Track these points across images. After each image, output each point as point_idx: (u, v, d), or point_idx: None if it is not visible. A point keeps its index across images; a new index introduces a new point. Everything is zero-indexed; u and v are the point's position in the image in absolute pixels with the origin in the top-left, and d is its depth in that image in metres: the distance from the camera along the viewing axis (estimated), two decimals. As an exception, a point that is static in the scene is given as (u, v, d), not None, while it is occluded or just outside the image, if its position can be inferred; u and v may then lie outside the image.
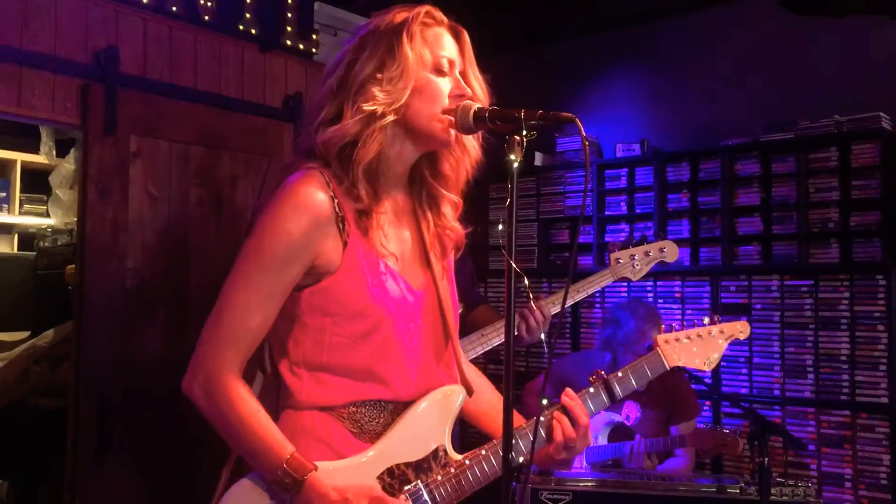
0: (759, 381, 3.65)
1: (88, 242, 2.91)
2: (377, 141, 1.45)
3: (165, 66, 3.18)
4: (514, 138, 1.32)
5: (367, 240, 1.47)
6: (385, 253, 1.49)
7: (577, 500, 2.69)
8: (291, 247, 1.41)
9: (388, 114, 1.44)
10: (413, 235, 1.58)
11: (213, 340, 1.43)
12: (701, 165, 3.92)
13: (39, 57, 2.79)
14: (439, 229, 1.61)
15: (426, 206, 1.61)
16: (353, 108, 1.45)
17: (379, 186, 1.50)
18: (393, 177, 1.54)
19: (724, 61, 4.04)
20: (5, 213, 4.94)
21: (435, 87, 1.47)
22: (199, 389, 1.43)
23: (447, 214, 1.61)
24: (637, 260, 2.75)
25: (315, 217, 1.42)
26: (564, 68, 4.56)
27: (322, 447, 1.45)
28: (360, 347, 1.45)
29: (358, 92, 1.45)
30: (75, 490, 2.84)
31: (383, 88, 1.44)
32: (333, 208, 1.44)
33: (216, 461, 3.09)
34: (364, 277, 1.44)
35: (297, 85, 3.70)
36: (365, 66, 1.46)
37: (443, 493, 1.49)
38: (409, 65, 1.44)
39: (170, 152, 3.16)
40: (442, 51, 1.49)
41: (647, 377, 1.71)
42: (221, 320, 1.43)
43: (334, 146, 1.45)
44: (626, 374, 1.67)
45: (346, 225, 1.45)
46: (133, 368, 3.00)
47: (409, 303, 1.50)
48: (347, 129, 1.44)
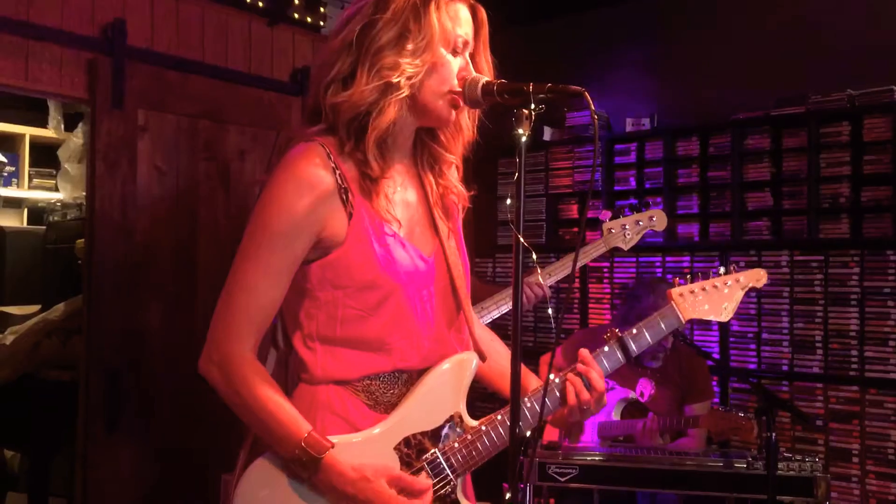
0: (767, 357, 3.65)
1: (97, 216, 2.92)
2: (392, 112, 1.42)
3: (172, 39, 3.17)
4: (523, 112, 1.31)
5: (371, 208, 1.45)
6: (390, 219, 1.47)
7: (584, 474, 2.70)
8: (295, 223, 1.40)
9: (405, 87, 1.42)
10: (419, 199, 1.57)
11: (227, 321, 1.43)
12: (711, 140, 3.89)
13: (47, 30, 2.78)
14: (442, 189, 1.59)
15: (427, 168, 1.60)
16: (369, 74, 1.41)
17: (386, 154, 1.49)
18: (398, 144, 1.53)
19: (734, 34, 3.99)
20: (14, 187, 4.96)
21: (449, 68, 1.45)
22: (215, 370, 1.44)
23: (448, 174, 1.60)
24: (628, 229, 2.80)
25: (317, 192, 1.41)
26: (574, 42, 4.51)
27: (338, 421, 1.46)
28: (372, 319, 1.45)
29: (377, 55, 1.42)
30: (86, 462, 2.87)
31: (405, 59, 1.41)
32: (336, 180, 1.42)
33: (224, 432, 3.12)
34: (371, 247, 1.43)
35: (305, 58, 3.68)
36: (387, 29, 1.42)
37: (460, 459, 1.50)
38: (434, 38, 1.42)
39: (177, 126, 3.16)
40: (459, 28, 1.47)
41: (662, 332, 1.69)
42: (233, 301, 1.43)
43: (346, 113, 1.43)
44: (640, 330, 1.66)
45: (349, 195, 1.44)
46: (142, 341, 3.02)
47: (420, 270, 1.50)
48: (364, 96, 1.41)
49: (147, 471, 3.02)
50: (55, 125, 4.62)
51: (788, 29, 3.83)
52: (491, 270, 4.57)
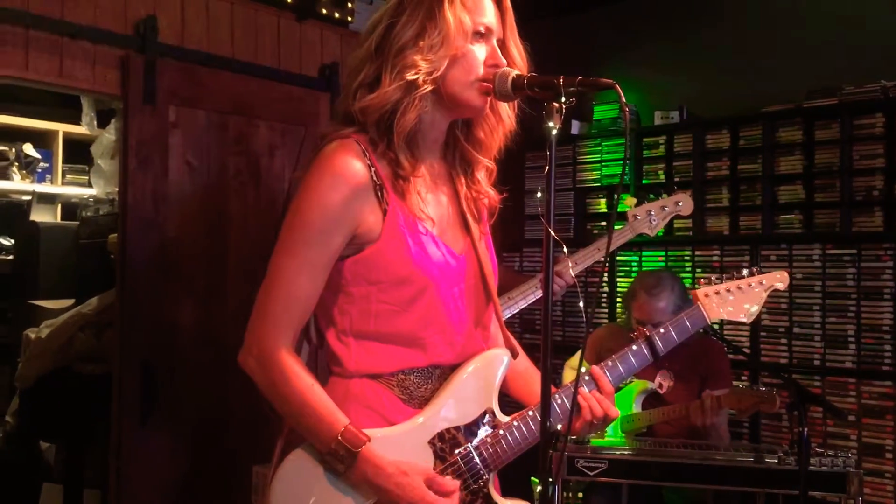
0: (798, 351, 3.61)
1: (129, 212, 2.96)
2: (416, 109, 1.44)
3: (203, 35, 3.20)
4: (553, 105, 1.31)
5: (405, 205, 1.47)
6: (423, 217, 1.49)
7: (614, 468, 2.70)
8: (333, 217, 1.41)
9: (427, 83, 1.43)
10: (450, 199, 1.58)
11: (266, 315, 1.45)
12: (741, 132, 3.85)
13: (80, 28, 2.82)
14: (473, 193, 1.61)
15: (460, 170, 1.61)
16: (391, 75, 1.44)
17: (416, 152, 1.50)
18: (429, 142, 1.54)
19: (765, 25, 3.95)
20: (48, 183, 5.04)
21: (472, 57, 1.46)
22: (254, 363, 1.45)
23: (481, 179, 1.62)
24: (654, 215, 2.78)
25: (354, 186, 1.42)
26: (602, 35, 4.49)
27: (372, 414, 1.47)
28: (406, 314, 1.47)
29: (397, 57, 1.44)
30: (120, 453, 2.92)
31: (424, 56, 1.43)
32: (371, 176, 1.44)
33: (255, 425, 3.16)
34: (406, 243, 1.45)
35: (333, 54, 3.69)
36: (404, 31, 1.44)
37: (493, 454, 1.51)
38: (450, 32, 1.43)
39: (208, 122, 3.19)
40: (481, 17, 1.47)
41: (689, 331, 1.72)
42: (271, 295, 1.44)
43: (373, 114, 1.45)
44: (667, 330, 1.69)
45: (384, 192, 1.45)
46: (174, 335, 3.06)
47: (451, 267, 1.51)
48: (387, 96, 1.43)
49: (179, 462, 3.06)
50: (88, 121, 4.68)
51: (821, 19, 3.77)
52: (518, 265, 4.56)
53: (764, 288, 1.81)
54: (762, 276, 1.81)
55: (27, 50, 2.71)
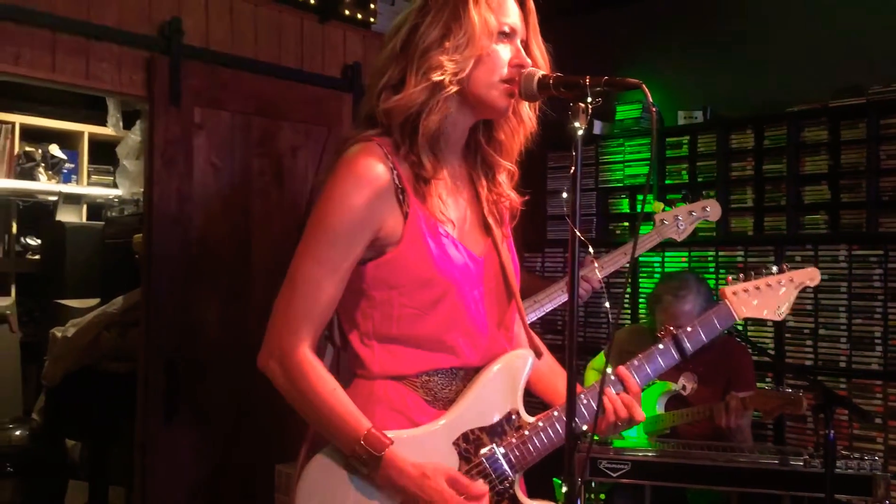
0: (824, 353, 3.57)
1: (155, 212, 2.98)
2: (441, 110, 1.44)
3: (227, 37, 3.22)
4: (579, 106, 1.30)
5: (426, 208, 1.47)
6: (444, 220, 1.49)
7: (636, 470, 2.68)
8: (355, 220, 1.42)
9: (453, 83, 1.43)
10: (471, 201, 1.58)
11: (287, 317, 1.45)
12: (766, 132, 3.82)
13: (106, 30, 2.85)
14: (495, 196, 1.60)
15: (481, 173, 1.61)
16: (417, 76, 1.44)
17: (439, 154, 1.51)
18: (451, 144, 1.54)
19: (790, 23, 3.91)
20: (74, 184, 5.10)
21: (496, 57, 1.46)
22: (275, 366, 1.46)
23: (502, 182, 1.61)
24: (681, 220, 2.76)
25: (376, 189, 1.42)
26: (624, 33, 4.47)
27: (397, 416, 1.47)
28: (428, 317, 1.47)
29: (422, 58, 1.44)
30: (145, 451, 2.95)
31: (449, 57, 1.43)
32: (393, 179, 1.44)
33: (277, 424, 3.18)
34: (427, 246, 1.45)
35: (356, 55, 3.71)
36: (429, 32, 1.44)
37: (518, 455, 1.51)
38: (475, 32, 1.43)
39: (232, 123, 3.21)
40: (505, 17, 1.47)
41: (717, 330, 1.69)
42: (293, 297, 1.44)
43: (398, 115, 1.45)
44: (695, 328, 1.66)
45: (405, 196, 1.45)
46: (198, 334, 3.08)
47: (472, 269, 1.51)
48: (413, 98, 1.43)
49: (203, 460, 3.08)
50: (114, 123, 4.74)
51: (847, 17, 3.73)
52: (540, 265, 4.55)
53: (794, 285, 1.77)
54: (792, 273, 1.78)
55: (54, 52, 2.74)
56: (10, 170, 4.80)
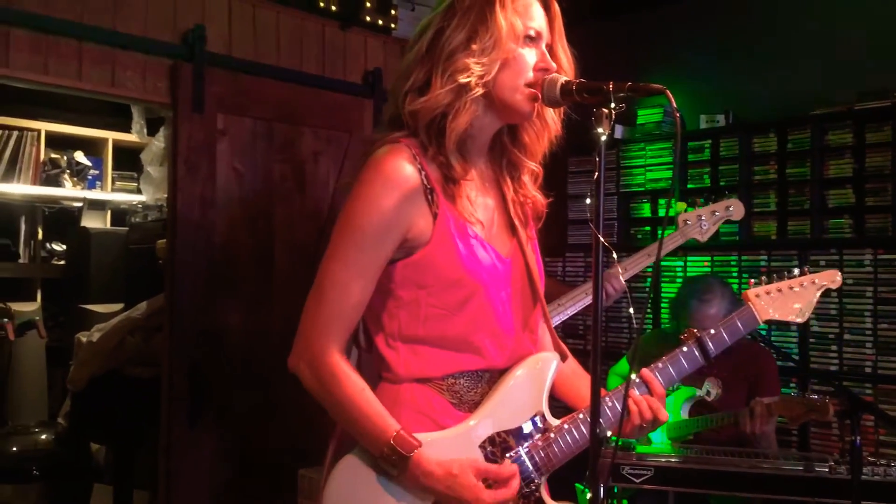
0: (849, 358, 3.53)
1: (179, 217, 3.01)
2: (468, 113, 1.45)
3: (249, 44, 3.25)
4: (602, 111, 1.30)
5: (454, 209, 1.48)
6: (473, 221, 1.50)
7: (659, 476, 2.67)
8: (385, 222, 1.42)
9: (479, 86, 1.43)
10: (497, 202, 1.58)
11: (317, 319, 1.46)
12: (789, 136, 3.79)
13: (131, 38, 2.89)
14: (520, 197, 1.61)
15: (507, 174, 1.61)
16: (443, 78, 1.44)
17: (467, 156, 1.51)
18: (477, 146, 1.55)
19: (813, 26, 3.88)
20: (99, 190, 5.16)
21: (522, 61, 1.46)
22: (305, 367, 1.47)
23: (527, 183, 1.62)
24: (704, 220, 2.75)
25: (405, 191, 1.43)
26: (645, 37, 4.45)
27: (423, 419, 1.48)
28: (455, 318, 1.47)
29: (448, 60, 1.45)
30: (170, 455, 2.97)
31: (476, 59, 1.43)
32: (421, 180, 1.45)
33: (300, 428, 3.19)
34: (456, 247, 1.45)
35: (377, 61, 3.73)
36: (455, 34, 1.45)
37: (544, 457, 1.51)
38: (501, 35, 1.43)
39: (254, 129, 3.24)
40: (531, 21, 1.48)
41: (740, 332, 1.70)
42: (323, 299, 1.45)
43: (424, 117, 1.46)
44: (718, 331, 1.68)
45: (434, 196, 1.46)
46: (221, 339, 3.11)
47: (499, 271, 1.52)
48: (439, 100, 1.44)
49: (227, 464, 3.10)
50: (138, 129, 4.78)
51: (871, 19, 3.70)
52: (561, 270, 4.54)
53: (816, 287, 1.78)
54: (814, 276, 1.79)
55: (80, 60, 2.78)
56: (35, 176, 4.86)
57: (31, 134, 4.84)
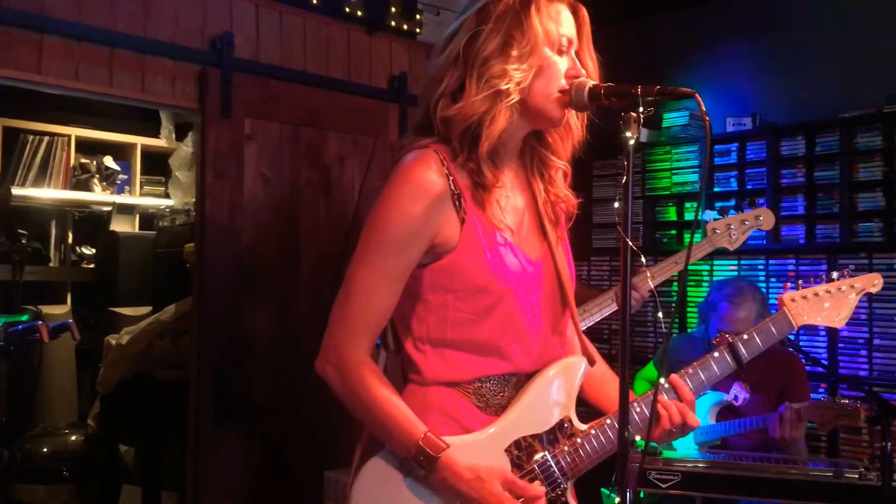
0: (879, 364, 3.49)
1: (207, 222, 3.04)
2: (504, 119, 1.44)
3: (276, 50, 3.27)
4: (630, 115, 1.30)
5: (483, 214, 1.48)
6: (502, 227, 1.49)
7: (686, 481, 2.65)
8: (412, 228, 1.42)
9: (515, 92, 1.43)
10: (527, 204, 1.58)
11: (344, 323, 1.46)
12: (817, 139, 3.76)
13: (161, 44, 2.91)
14: (551, 196, 1.61)
15: (536, 174, 1.61)
16: (478, 84, 1.43)
17: (498, 161, 1.51)
18: (508, 151, 1.55)
19: (842, 28, 3.85)
20: (127, 194, 5.22)
21: (556, 68, 1.46)
22: (332, 371, 1.47)
23: (557, 181, 1.61)
24: (733, 229, 2.74)
25: (433, 197, 1.43)
26: (671, 40, 4.44)
27: (449, 422, 1.48)
28: (483, 323, 1.47)
29: (484, 66, 1.43)
30: (197, 457, 3.00)
31: (513, 65, 1.42)
32: (449, 186, 1.45)
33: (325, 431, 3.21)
34: (483, 252, 1.45)
35: (402, 65, 3.74)
36: (491, 39, 1.44)
37: (570, 462, 1.51)
38: (538, 41, 1.43)
39: (281, 134, 3.26)
40: (563, 28, 1.47)
41: (775, 338, 1.68)
42: (350, 303, 1.46)
43: (459, 124, 1.45)
44: (751, 336, 1.66)
45: (462, 202, 1.46)
46: (248, 342, 3.13)
47: (528, 274, 1.51)
48: (475, 107, 1.43)
49: (254, 466, 3.12)
50: (167, 135, 4.84)
51: (900, 21, 3.66)
52: (585, 274, 4.53)
53: (856, 291, 1.75)
54: (854, 280, 1.75)
55: (111, 67, 2.82)
56: (66, 181, 4.94)
57: (61, 139, 4.92)
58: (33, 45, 2.64)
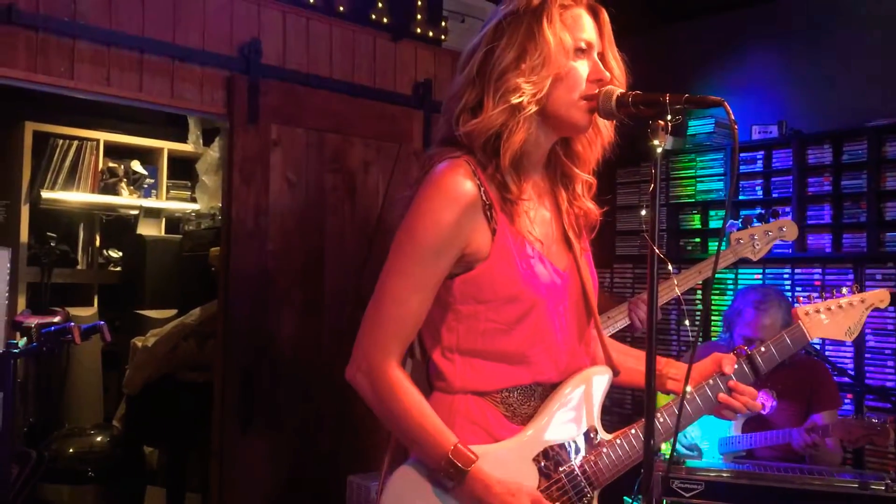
0: (906, 375, 3.46)
1: (233, 226, 3.07)
2: (522, 131, 1.45)
3: (303, 56, 3.30)
4: (658, 123, 1.30)
5: (513, 225, 1.48)
6: (531, 238, 1.50)
7: (710, 491, 2.63)
8: (444, 237, 1.43)
9: (532, 104, 1.44)
10: (553, 215, 1.59)
11: (375, 331, 1.47)
12: (845, 147, 3.73)
13: (190, 51, 2.96)
14: (574, 209, 1.61)
15: (561, 186, 1.62)
16: (494, 99, 1.44)
17: (523, 173, 1.52)
18: (533, 161, 1.55)
19: (870, 35, 3.81)
20: (154, 198, 5.27)
21: (575, 75, 1.46)
22: (363, 379, 1.48)
23: (581, 194, 1.62)
24: (757, 239, 2.75)
25: (465, 206, 1.43)
26: (696, 47, 4.42)
27: (477, 430, 1.49)
28: (513, 333, 1.48)
29: (499, 81, 1.45)
30: (222, 459, 3.02)
31: (526, 79, 1.43)
32: (481, 196, 1.45)
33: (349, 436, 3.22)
34: (515, 263, 1.46)
35: (427, 72, 3.76)
36: (505, 54, 1.45)
37: (596, 472, 1.52)
38: (550, 52, 1.43)
39: (306, 140, 3.29)
40: (581, 33, 1.48)
41: (790, 350, 1.72)
42: (381, 311, 1.47)
43: (479, 138, 1.46)
44: (768, 348, 1.69)
45: (493, 212, 1.46)
46: (273, 346, 3.15)
47: (557, 285, 1.52)
48: (492, 121, 1.44)
49: (278, 469, 3.14)
50: (194, 140, 4.89)
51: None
52: (609, 280, 4.52)
53: (864, 306, 1.81)
54: (862, 295, 1.82)
55: (141, 73, 2.86)
56: (94, 185, 5.00)
57: (90, 143, 4.98)
58: (65, 51, 2.69)
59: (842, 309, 1.78)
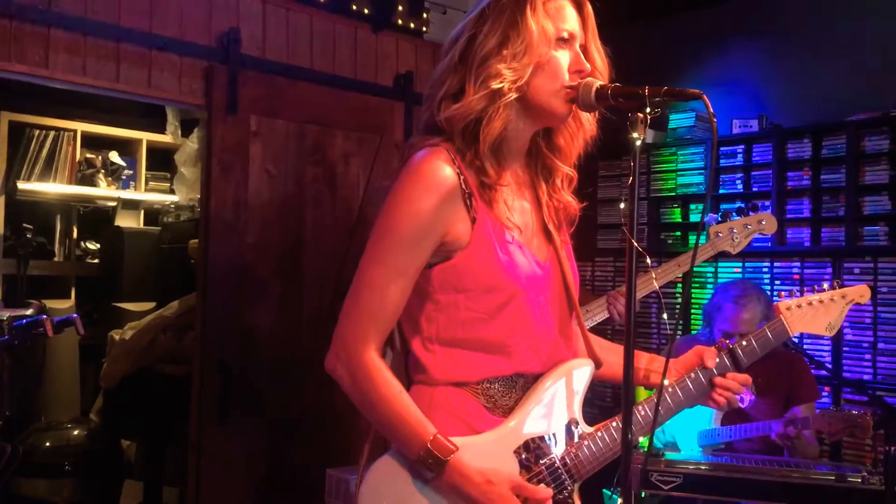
0: (884, 368, 3.48)
1: (212, 218, 3.05)
2: (502, 118, 1.45)
3: (283, 47, 3.28)
4: (638, 116, 1.30)
5: (492, 213, 1.48)
6: (510, 225, 1.50)
7: (688, 483, 2.64)
8: (423, 225, 1.42)
9: (512, 91, 1.44)
10: (533, 206, 1.59)
11: (354, 321, 1.46)
12: (824, 142, 3.75)
13: (167, 41, 2.92)
14: (555, 202, 1.61)
15: (542, 178, 1.61)
16: (475, 84, 1.45)
17: (502, 161, 1.51)
18: (513, 150, 1.55)
19: (849, 30, 3.83)
20: (132, 190, 5.23)
21: (556, 64, 1.46)
22: (342, 369, 1.47)
23: (561, 187, 1.62)
24: (736, 233, 2.76)
25: (444, 194, 1.43)
26: (679, 41, 4.43)
27: (457, 422, 1.48)
28: (493, 322, 1.47)
29: (480, 67, 1.45)
30: (199, 451, 3.00)
31: (508, 65, 1.43)
32: (460, 184, 1.45)
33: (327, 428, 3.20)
34: (494, 251, 1.46)
35: (408, 64, 3.74)
36: (487, 40, 1.45)
37: (577, 464, 1.52)
38: (532, 40, 1.43)
39: (286, 131, 3.27)
40: (564, 23, 1.48)
41: (771, 344, 1.73)
42: (360, 301, 1.46)
43: (458, 123, 1.46)
44: (749, 342, 1.70)
45: (473, 200, 1.46)
46: (251, 338, 3.13)
47: (538, 276, 1.52)
48: (472, 106, 1.44)
49: (255, 461, 3.13)
50: (173, 131, 4.84)
51: (909, 25, 3.65)
52: (590, 274, 4.52)
53: (845, 302, 1.81)
54: (843, 290, 1.82)
55: (118, 62, 2.82)
56: (71, 176, 4.94)
57: (67, 134, 4.92)
58: (41, 39, 2.65)
59: (823, 304, 1.79)
